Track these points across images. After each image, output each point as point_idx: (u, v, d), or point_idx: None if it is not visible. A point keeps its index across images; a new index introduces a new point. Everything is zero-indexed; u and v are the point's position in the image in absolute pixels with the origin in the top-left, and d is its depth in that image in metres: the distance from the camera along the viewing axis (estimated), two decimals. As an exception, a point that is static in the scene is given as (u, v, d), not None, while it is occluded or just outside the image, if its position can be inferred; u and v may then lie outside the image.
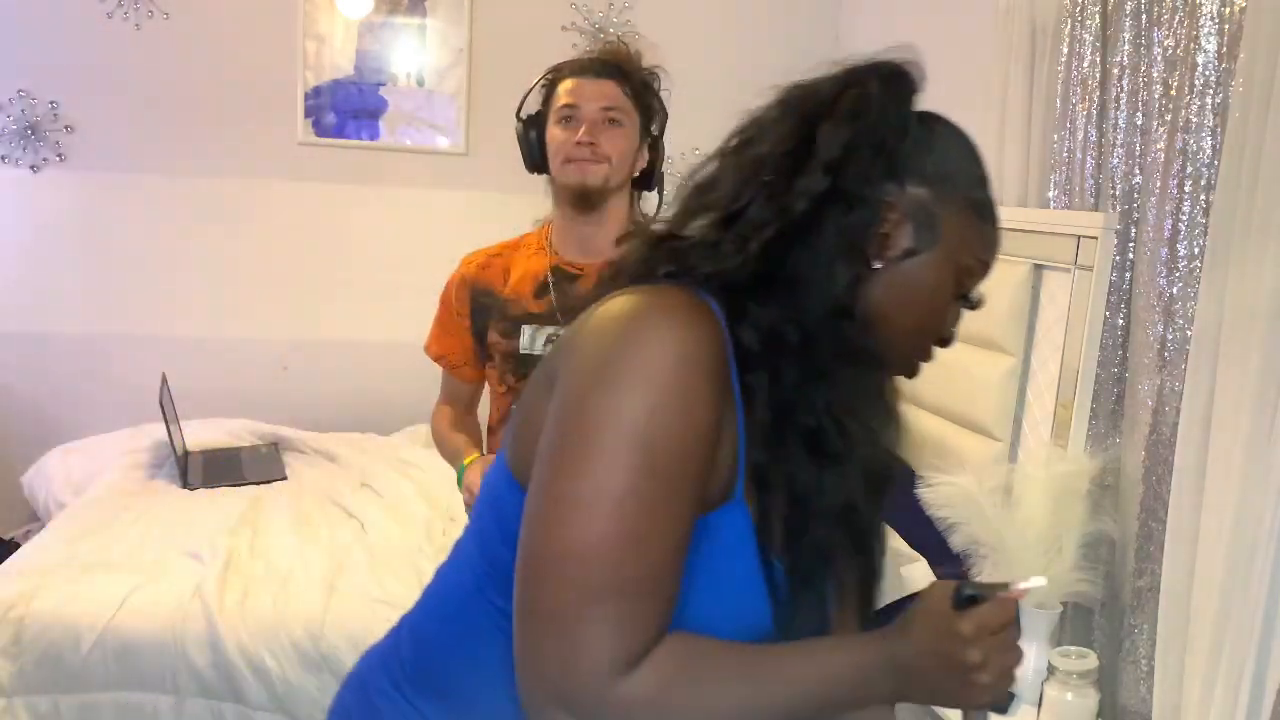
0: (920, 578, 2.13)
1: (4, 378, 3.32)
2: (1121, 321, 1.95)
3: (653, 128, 1.73)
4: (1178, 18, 1.81)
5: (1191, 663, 1.60)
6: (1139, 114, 1.91)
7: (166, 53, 3.30)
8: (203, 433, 3.20)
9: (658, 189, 1.77)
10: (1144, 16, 1.89)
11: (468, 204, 3.45)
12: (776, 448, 0.83)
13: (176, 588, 2.25)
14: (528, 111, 1.73)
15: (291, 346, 3.50)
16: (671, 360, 0.76)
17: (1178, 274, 1.79)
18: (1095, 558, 1.86)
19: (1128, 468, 1.90)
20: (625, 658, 0.74)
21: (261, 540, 2.56)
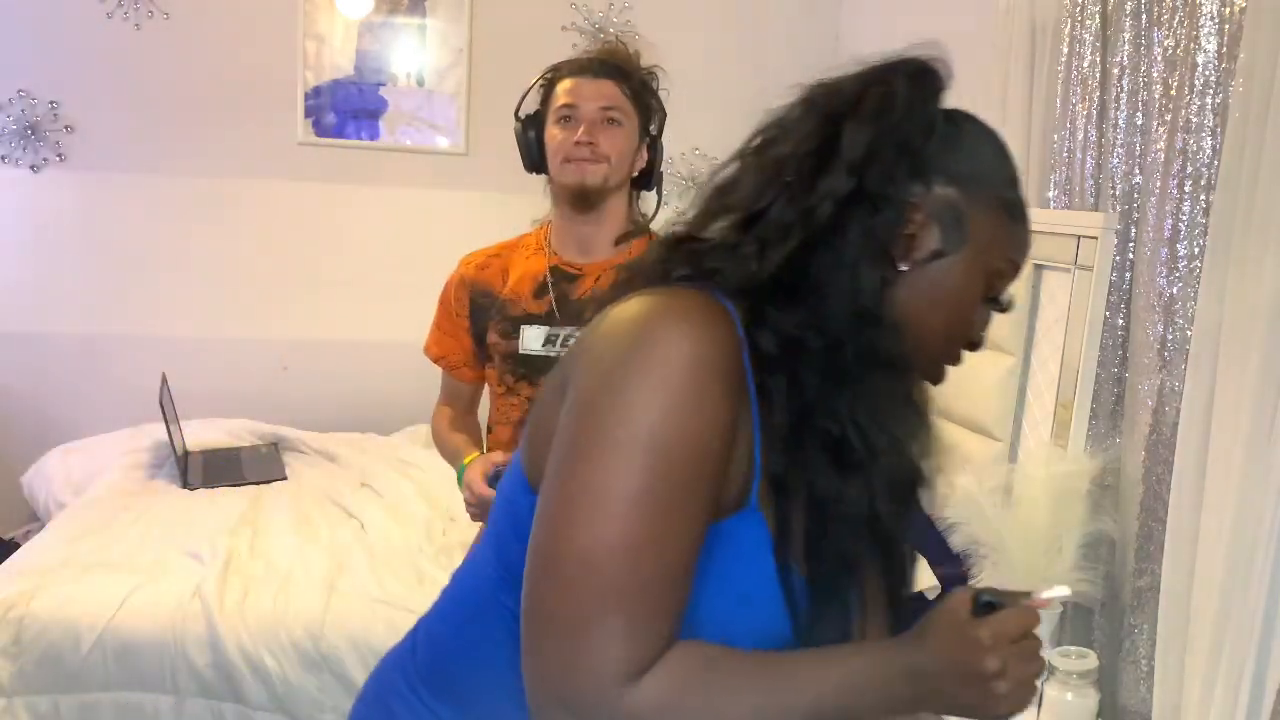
0: (920, 578, 2.13)
1: (4, 378, 3.32)
2: (1121, 321, 1.95)
3: (651, 127, 1.73)
4: (1178, 18, 1.81)
5: (1191, 663, 1.60)
6: (1139, 114, 1.91)
7: (166, 53, 3.30)
8: (203, 433, 3.21)
9: (656, 189, 1.77)
10: (1144, 16, 1.89)
11: (467, 204, 3.46)
12: (796, 454, 0.81)
13: (176, 588, 2.25)
14: (526, 111, 1.73)
15: (291, 346, 3.50)
16: (685, 363, 0.75)
17: (1178, 274, 1.78)
18: (1095, 558, 1.86)
19: (1128, 468, 1.90)
20: (633, 664, 0.73)
21: (261, 540, 2.56)
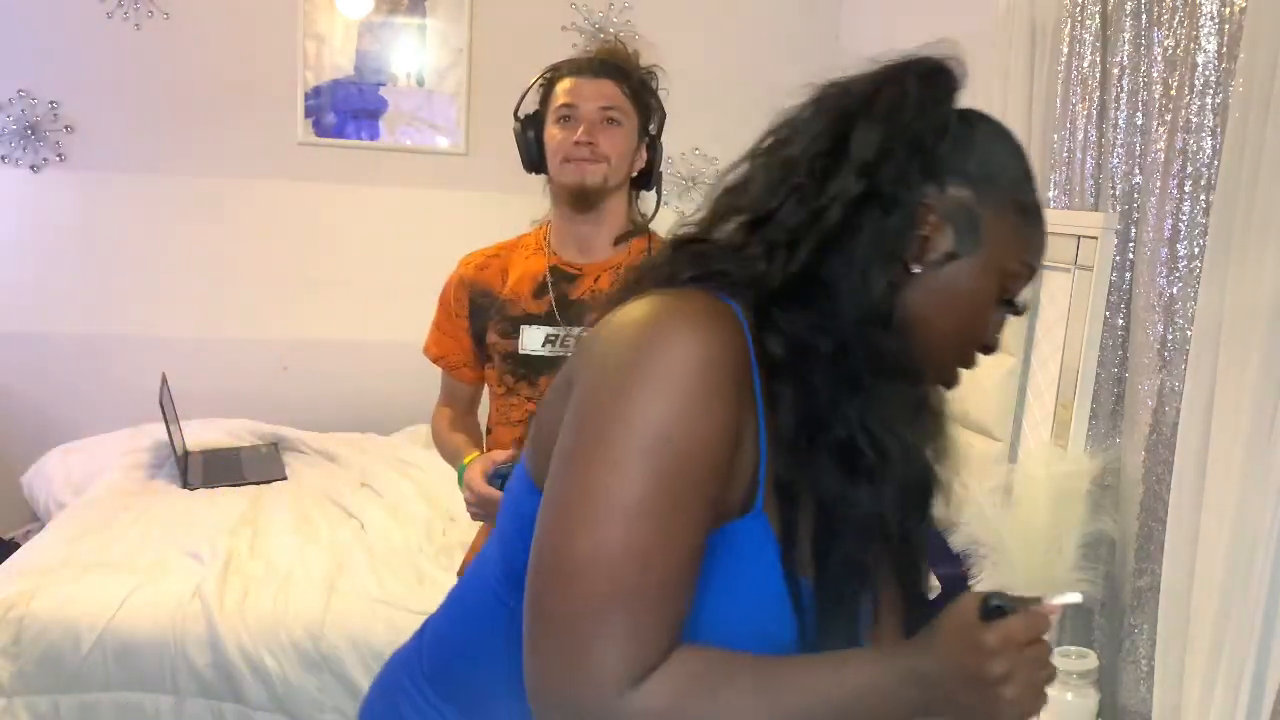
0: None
1: (4, 378, 3.32)
2: (1121, 321, 1.95)
3: (651, 127, 1.73)
4: (1178, 18, 1.80)
5: (1191, 663, 1.60)
6: (1139, 114, 1.91)
7: (166, 53, 3.30)
8: (203, 433, 3.21)
9: (656, 188, 1.77)
10: (1144, 16, 1.89)
11: (467, 204, 3.46)
12: (804, 460, 0.80)
13: (176, 588, 2.25)
14: (525, 111, 1.73)
15: (291, 346, 3.50)
16: (689, 366, 0.75)
17: (1178, 274, 1.78)
18: (1095, 558, 1.86)
19: (1128, 468, 1.90)
20: (635, 668, 0.73)
21: (261, 540, 2.56)
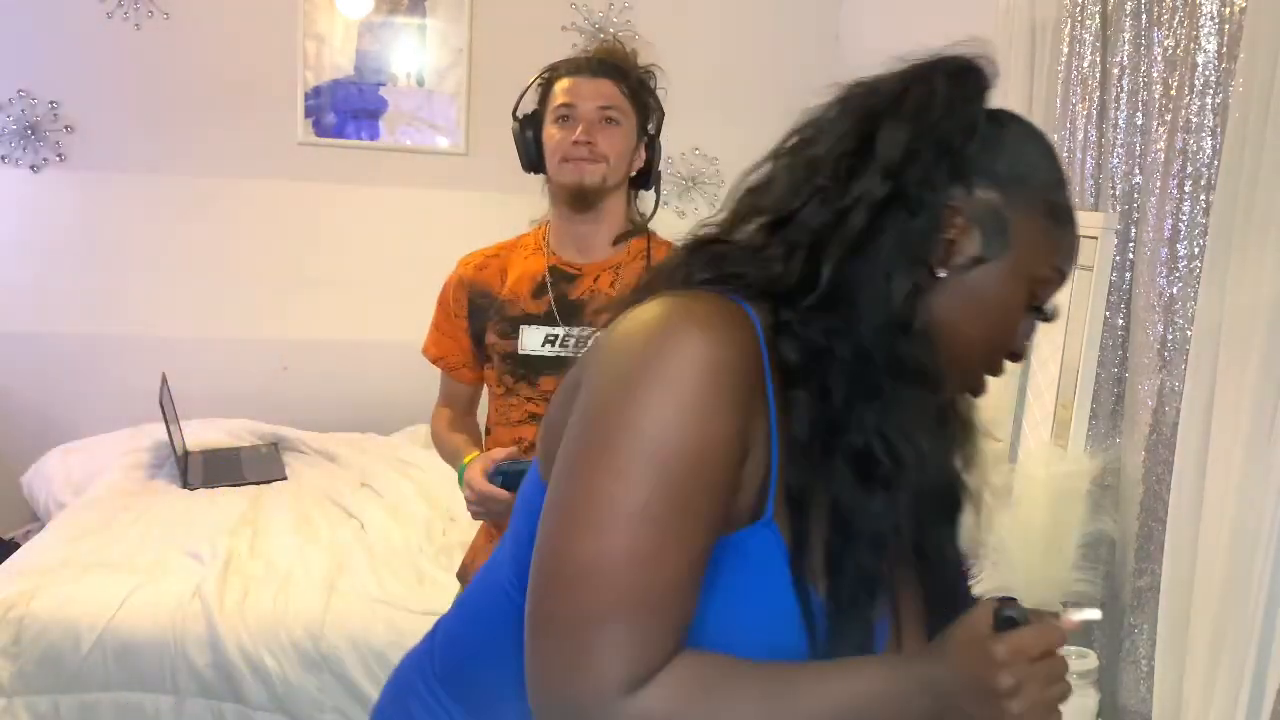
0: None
1: (4, 378, 3.32)
2: (1121, 321, 1.95)
3: (649, 126, 1.73)
4: (1178, 18, 1.80)
5: (1191, 663, 1.60)
6: (1139, 114, 1.91)
7: (166, 53, 3.30)
8: (203, 433, 3.21)
9: (655, 188, 1.77)
10: (1144, 16, 1.89)
11: (467, 204, 3.45)
12: (818, 468, 0.79)
13: (176, 588, 2.26)
14: (524, 111, 1.73)
15: (291, 346, 3.50)
16: (697, 371, 0.73)
17: (1178, 274, 1.78)
18: (1095, 558, 1.86)
19: (1128, 468, 1.90)
20: (635, 673, 0.72)
21: (261, 540, 2.56)
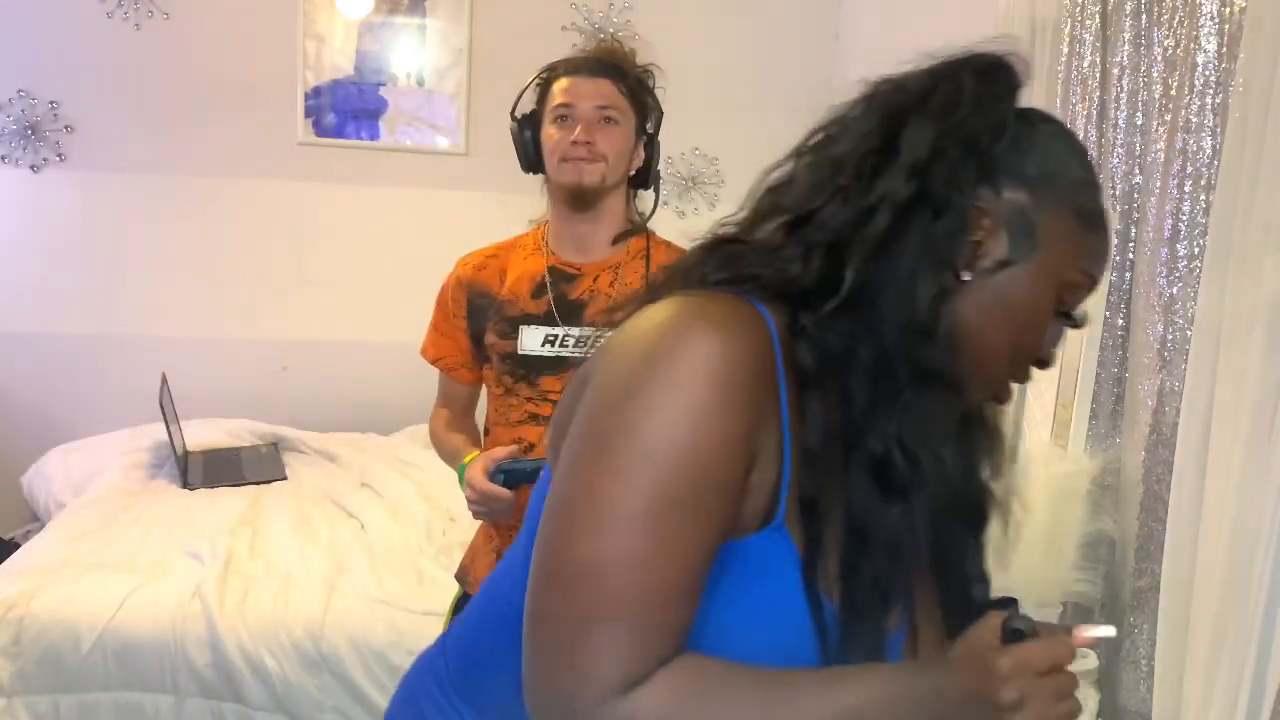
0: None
1: (4, 378, 3.32)
2: (1121, 321, 1.95)
3: (648, 126, 1.72)
4: (1178, 18, 1.80)
5: (1191, 663, 1.60)
6: (1139, 114, 1.91)
7: (166, 53, 3.30)
8: (203, 433, 3.21)
9: (654, 187, 1.77)
10: (1144, 16, 1.89)
11: (467, 204, 3.45)
12: (832, 474, 0.77)
13: (176, 588, 2.25)
14: (522, 111, 1.73)
15: (291, 346, 3.50)
16: (702, 373, 0.72)
17: (1178, 274, 1.78)
18: (1095, 558, 1.86)
19: (1128, 468, 1.90)
20: (629, 675, 0.71)
21: (261, 540, 2.56)
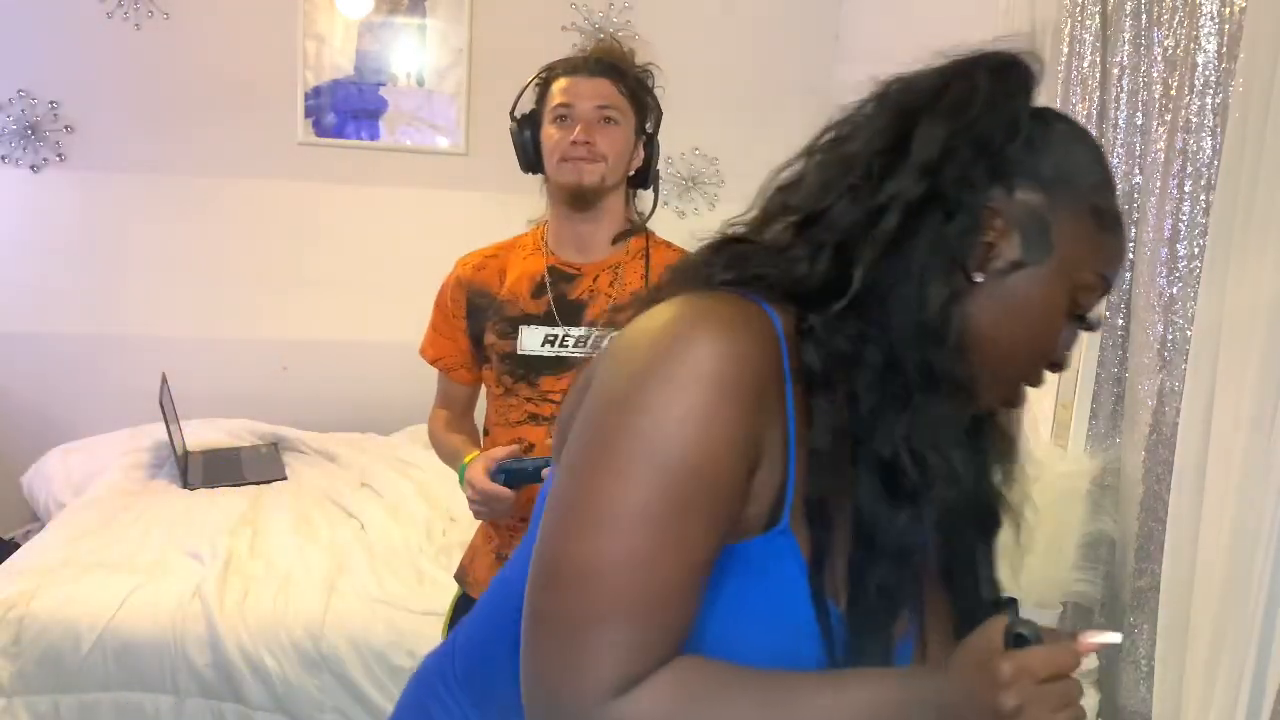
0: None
1: (4, 378, 3.32)
2: (1121, 321, 1.95)
3: (647, 125, 1.72)
4: (1178, 18, 1.80)
5: (1191, 663, 1.60)
6: (1139, 114, 1.91)
7: (166, 53, 3.30)
8: (203, 433, 3.21)
9: (653, 187, 1.77)
10: (1144, 16, 1.89)
11: (467, 204, 3.45)
12: (840, 478, 0.76)
13: (176, 588, 2.25)
14: (522, 111, 1.73)
15: (291, 346, 3.50)
16: (705, 374, 0.71)
17: (1178, 274, 1.79)
18: (1095, 558, 1.86)
19: (1128, 468, 1.90)
20: (624, 676, 0.71)
21: (261, 540, 2.56)
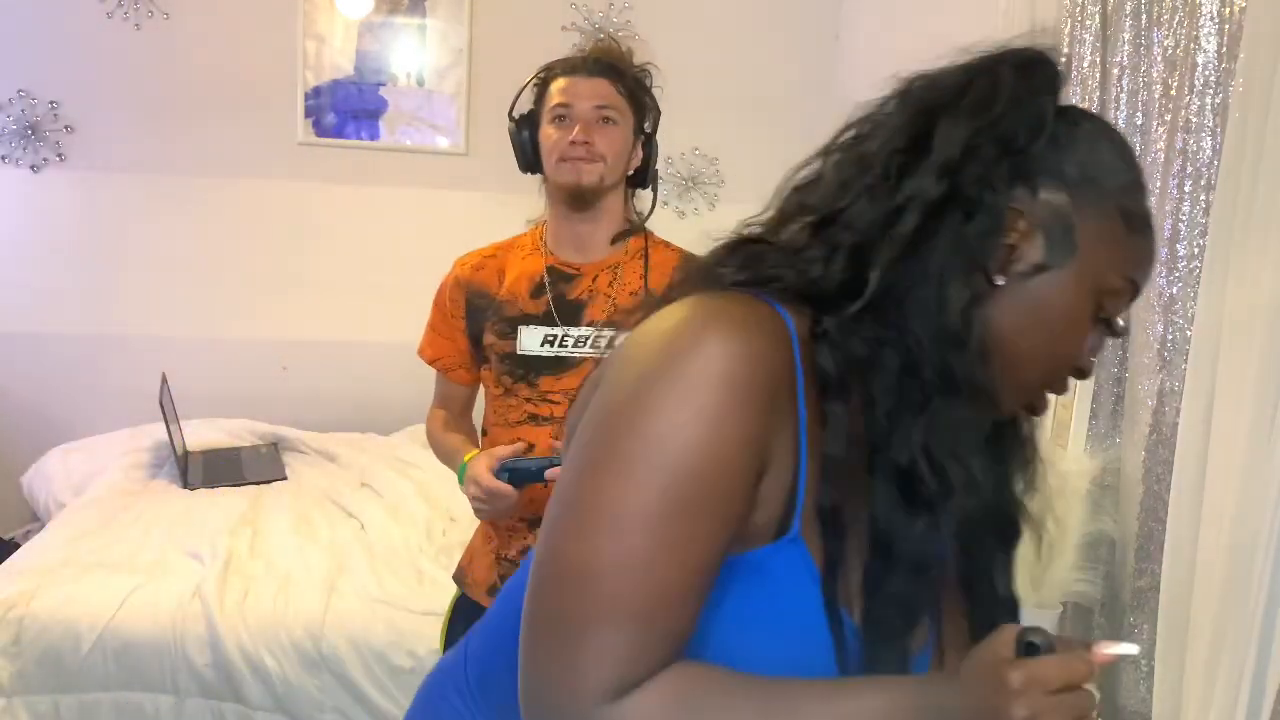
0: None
1: (4, 378, 3.32)
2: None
3: (646, 125, 1.72)
4: (1178, 18, 1.81)
5: (1191, 663, 1.60)
6: (1139, 114, 1.91)
7: (166, 53, 3.30)
8: (203, 433, 3.21)
9: (652, 187, 1.78)
10: (1144, 16, 1.89)
11: (467, 204, 3.45)
12: (854, 485, 0.74)
13: (176, 588, 2.25)
14: (520, 111, 1.73)
15: (291, 346, 3.50)
16: (712, 376, 0.70)
17: (1178, 274, 1.79)
18: (1095, 558, 1.86)
19: (1128, 468, 1.90)
20: (620, 682, 0.70)
21: (261, 540, 2.56)
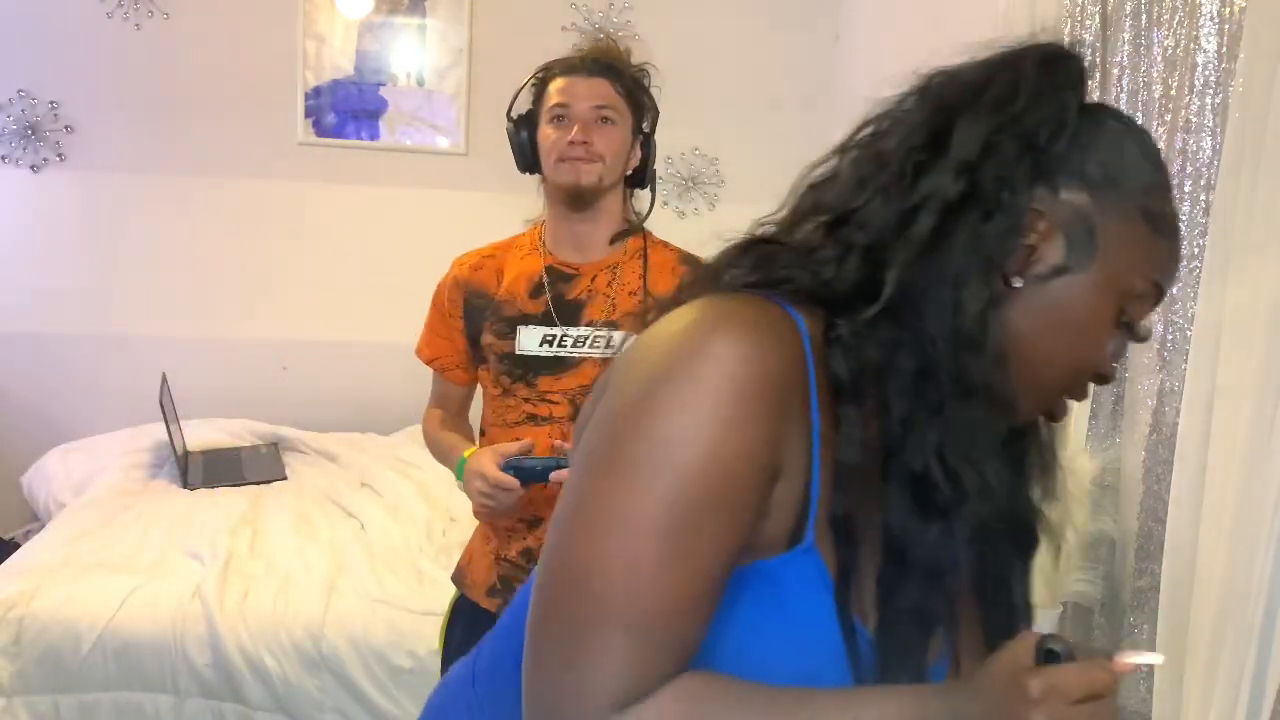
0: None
1: (4, 378, 3.32)
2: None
3: (644, 125, 1.72)
4: (1178, 18, 1.81)
5: (1191, 663, 1.60)
6: (1139, 114, 1.91)
7: (166, 53, 3.30)
8: (203, 433, 3.21)
9: (650, 186, 1.78)
10: (1144, 16, 1.89)
11: (467, 204, 3.45)
12: (868, 492, 0.73)
13: (176, 588, 2.26)
14: (519, 111, 1.73)
15: (291, 346, 3.50)
16: (724, 380, 0.68)
17: (1178, 274, 1.79)
18: (1095, 558, 1.86)
19: (1128, 468, 1.90)
20: (624, 691, 0.67)
21: (261, 540, 2.56)
